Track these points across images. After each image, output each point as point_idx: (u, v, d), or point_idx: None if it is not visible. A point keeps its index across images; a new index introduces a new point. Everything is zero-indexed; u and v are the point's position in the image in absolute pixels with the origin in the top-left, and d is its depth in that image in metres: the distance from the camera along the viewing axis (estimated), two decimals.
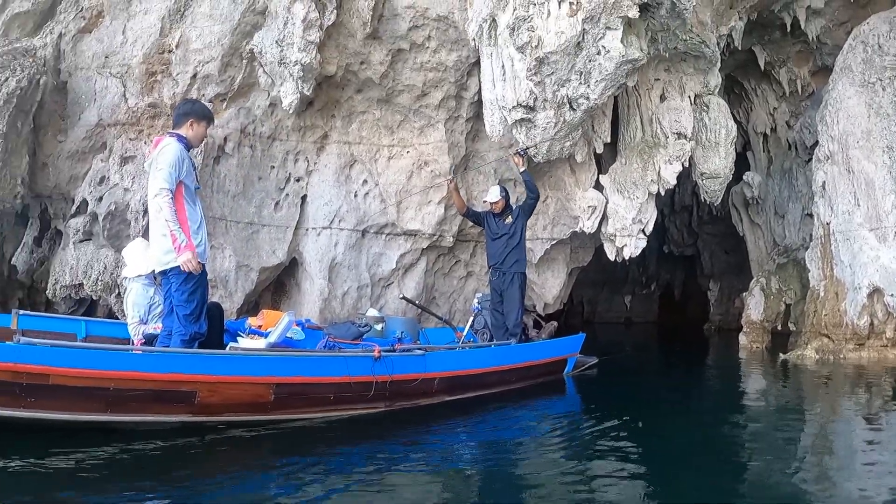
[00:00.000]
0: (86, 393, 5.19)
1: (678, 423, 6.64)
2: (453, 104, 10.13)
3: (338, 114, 10.27)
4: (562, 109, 8.71)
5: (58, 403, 5.14)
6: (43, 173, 10.17)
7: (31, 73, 9.73)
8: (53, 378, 5.07)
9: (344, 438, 5.73)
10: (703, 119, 11.11)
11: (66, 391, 5.13)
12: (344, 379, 6.20)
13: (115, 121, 9.89)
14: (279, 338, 6.61)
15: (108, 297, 9.79)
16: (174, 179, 5.84)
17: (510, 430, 6.36)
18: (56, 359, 5.10)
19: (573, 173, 10.55)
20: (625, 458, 5.11)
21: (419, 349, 7.32)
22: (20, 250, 10.83)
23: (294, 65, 8.96)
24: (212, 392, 5.58)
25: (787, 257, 14.54)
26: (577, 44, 8.35)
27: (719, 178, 11.20)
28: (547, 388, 8.60)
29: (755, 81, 14.62)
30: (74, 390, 5.15)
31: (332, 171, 10.32)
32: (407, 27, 9.54)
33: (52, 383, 5.07)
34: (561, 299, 11.61)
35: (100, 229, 9.77)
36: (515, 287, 9.13)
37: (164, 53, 9.86)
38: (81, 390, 5.17)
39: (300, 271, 10.55)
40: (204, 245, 6.14)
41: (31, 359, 5.04)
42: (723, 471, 4.73)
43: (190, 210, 6.01)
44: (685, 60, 10.67)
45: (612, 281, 21.35)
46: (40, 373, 5.04)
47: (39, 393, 5.07)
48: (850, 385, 8.82)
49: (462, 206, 9.66)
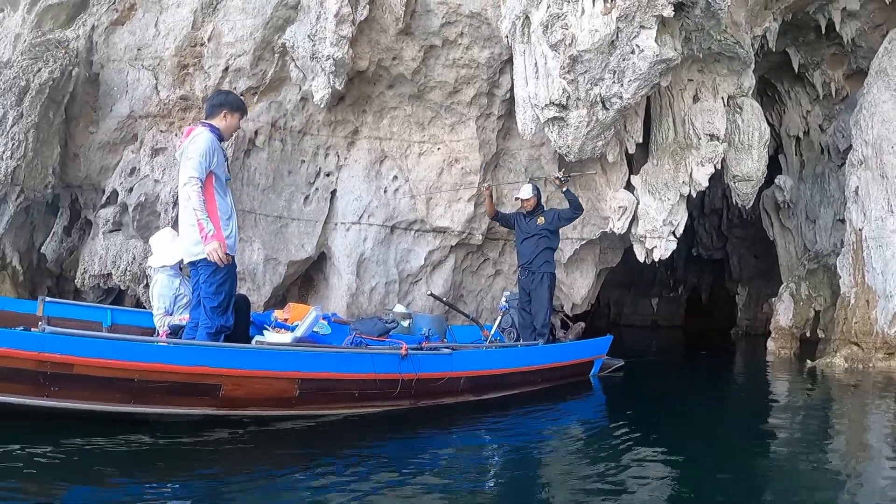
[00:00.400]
0: (110, 383, 5.19)
1: (703, 430, 6.57)
2: (485, 101, 10.08)
3: (369, 109, 10.25)
4: (594, 108, 8.63)
5: (81, 393, 5.14)
6: (74, 164, 10.23)
7: (63, 64, 9.79)
8: (77, 368, 5.06)
9: (368, 435, 5.69)
10: (736, 121, 10.99)
11: (90, 381, 5.13)
12: (370, 376, 6.16)
13: (147, 113, 9.94)
14: (305, 332, 6.61)
15: (137, 287, 9.84)
16: (204, 169, 5.79)
17: (535, 431, 6.34)
18: (80, 348, 5.10)
19: (604, 173, 10.47)
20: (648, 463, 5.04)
21: (446, 348, 7.26)
22: (50, 239, 10.91)
23: (326, 59, 8.95)
24: (236, 386, 5.57)
25: (818, 263, 14.36)
26: (611, 42, 8.27)
27: (751, 181, 11.07)
28: (573, 390, 8.53)
29: (788, 84, 14.46)
30: (98, 380, 5.15)
31: (363, 166, 10.31)
32: (439, 23, 9.50)
33: (76, 373, 5.07)
34: (589, 300, 11.54)
35: (129, 220, 9.83)
36: (545, 287, 9.08)
37: (196, 46, 9.90)
38: (105, 380, 5.17)
39: (328, 266, 10.55)
40: (234, 237, 6.10)
41: (56, 348, 5.03)
42: (747, 480, 4.64)
43: (220, 201, 5.98)
44: (719, 61, 10.56)
45: (640, 283, 21.20)
46: (64, 362, 5.03)
47: (63, 382, 5.07)
48: (878, 394, 8.68)
49: (492, 211, 9.64)
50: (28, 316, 7.60)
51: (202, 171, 5.77)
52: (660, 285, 22.19)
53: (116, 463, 4.46)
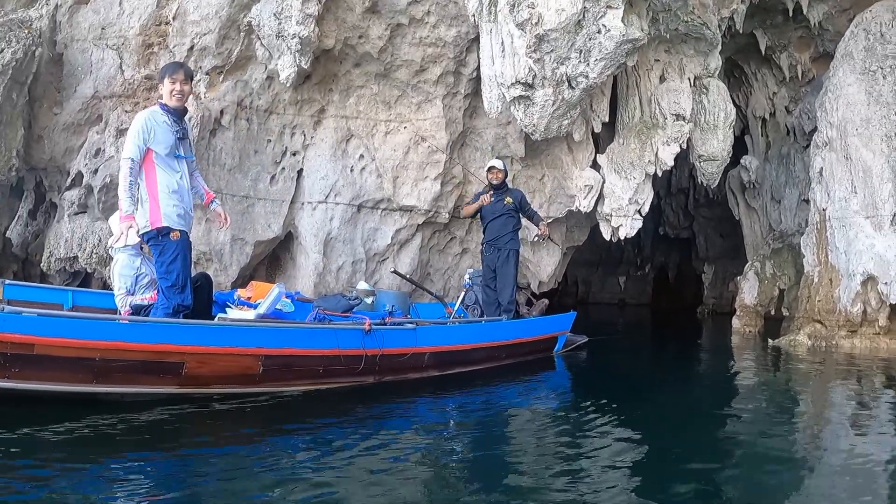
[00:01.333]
0: (71, 363, 5.09)
1: (665, 407, 6.61)
2: (451, 80, 10.07)
3: (335, 88, 10.21)
4: (560, 87, 8.68)
5: (43, 374, 5.04)
6: (38, 146, 10.13)
7: (26, 44, 9.67)
8: (38, 348, 4.96)
9: (332, 411, 5.65)
10: (703, 101, 11.09)
11: (52, 361, 5.03)
12: (334, 352, 6.15)
13: (111, 93, 9.84)
14: (268, 309, 6.54)
15: (103, 269, 9.76)
16: (136, 147, 5.79)
17: (499, 407, 6.33)
18: (41, 328, 4.99)
19: (570, 152, 10.53)
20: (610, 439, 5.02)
21: (410, 323, 7.27)
22: (15, 223, 10.80)
23: (292, 38, 8.90)
24: (200, 363, 5.51)
25: (783, 242, 14.56)
26: (578, 22, 8.32)
27: (717, 160, 11.19)
28: (537, 366, 8.57)
29: (755, 65, 14.59)
30: (60, 360, 5.05)
31: (329, 145, 10.27)
32: (406, 1, 9.47)
33: (36, 353, 4.96)
34: (556, 278, 11.61)
35: (95, 202, 9.75)
36: (510, 264, 9.10)
37: (160, 25, 9.81)
38: (67, 360, 5.07)
39: (295, 245, 10.53)
40: (184, 212, 6.04)
41: (16, 328, 4.91)
42: (708, 458, 4.68)
43: (162, 174, 5.94)
44: (686, 42, 10.64)
45: (607, 262, 21.39)
46: (25, 342, 4.92)
47: (24, 363, 4.96)
48: (841, 371, 8.84)
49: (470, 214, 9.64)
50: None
51: (133, 151, 5.78)
52: (627, 264, 22.40)
53: (81, 444, 4.38)
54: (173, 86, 6.07)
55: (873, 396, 7.17)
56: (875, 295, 10.68)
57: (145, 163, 5.88)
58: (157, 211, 5.87)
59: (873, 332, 10.85)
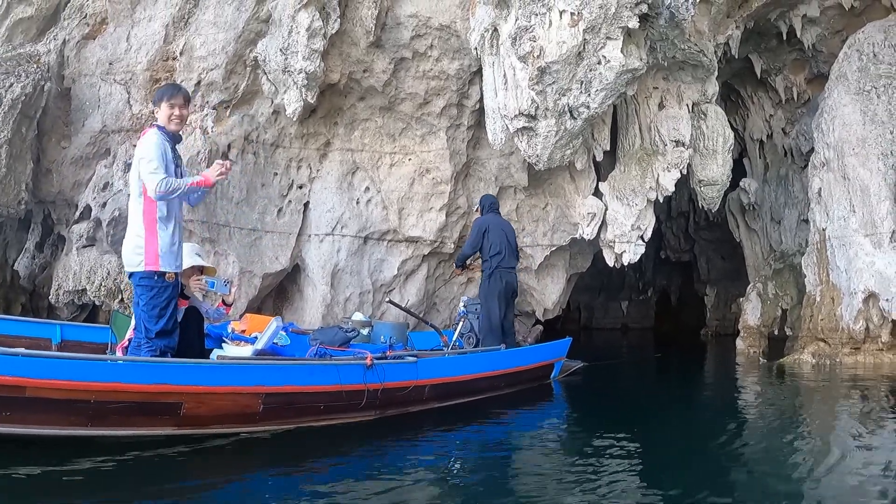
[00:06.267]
0: (65, 406, 4.85)
1: (670, 431, 6.63)
2: (455, 112, 10.21)
3: (340, 121, 10.35)
4: (563, 118, 8.80)
5: (35, 417, 4.81)
6: (46, 179, 10.23)
7: (35, 79, 9.79)
8: (30, 390, 4.71)
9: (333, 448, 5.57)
10: (701, 127, 11.20)
11: (44, 404, 4.79)
12: (335, 387, 6.01)
13: (119, 127, 9.96)
14: (266, 344, 6.46)
15: (112, 301, 9.82)
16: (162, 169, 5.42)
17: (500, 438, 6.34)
18: (32, 369, 4.74)
19: (573, 180, 10.64)
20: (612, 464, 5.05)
21: (411, 356, 7.17)
22: (22, 256, 10.86)
23: (298, 73, 9.04)
24: (198, 403, 5.31)
25: (784, 263, 14.64)
26: (578, 53, 8.44)
27: (717, 185, 11.29)
28: (534, 394, 8.58)
29: (751, 89, 14.72)
30: (52, 403, 4.81)
31: (335, 178, 10.40)
32: (409, 36, 9.63)
33: (28, 396, 4.71)
34: (560, 305, 11.70)
35: (103, 235, 9.81)
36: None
37: (168, 60, 9.94)
38: (60, 403, 4.83)
39: (302, 277, 10.62)
40: (178, 248, 5.72)
41: (5, 370, 4.66)
42: (713, 478, 4.73)
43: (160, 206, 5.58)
44: (683, 69, 10.76)
45: (609, 287, 21.40)
46: (15, 385, 4.66)
47: (14, 406, 4.71)
48: (845, 389, 8.90)
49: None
50: None
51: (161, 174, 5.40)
52: (629, 289, 22.40)
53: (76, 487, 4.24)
54: (172, 110, 5.72)
55: (879, 412, 7.22)
56: (877, 312, 10.78)
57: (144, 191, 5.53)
58: (155, 251, 5.51)
59: (876, 348, 10.95)
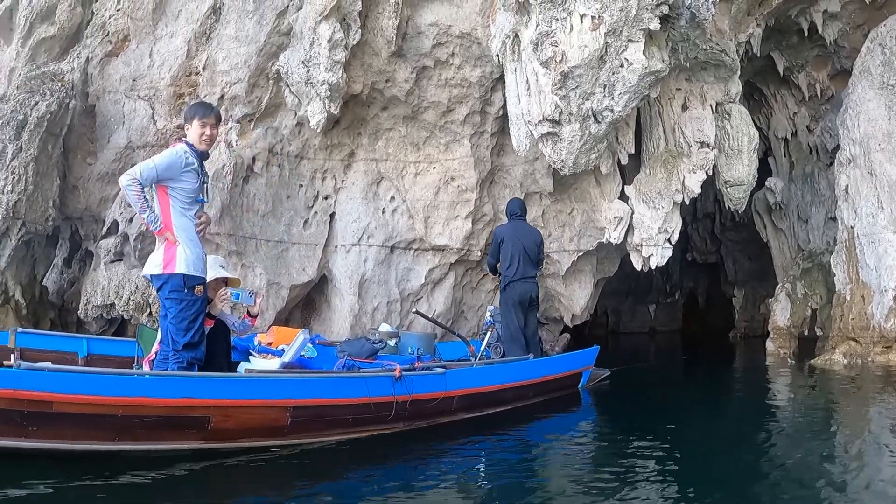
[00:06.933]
0: (92, 421, 4.89)
1: (699, 433, 6.60)
2: (478, 119, 10.18)
3: (364, 131, 10.36)
4: (587, 122, 8.75)
5: (62, 432, 4.85)
6: (73, 195, 10.34)
7: (59, 97, 9.90)
8: (57, 405, 4.75)
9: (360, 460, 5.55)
10: (725, 127, 11.11)
11: (72, 419, 4.83)
12: (363, 400, 5.99)
13: (145, 142, 10.04)
14: (293, 357, 6.45)
15: (140, 315, 9.88)
16: (150, 175, 5.52)
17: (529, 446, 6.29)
18: (59, 384, 4.79)
19: (598, 185, 10.58)
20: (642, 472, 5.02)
21: (439, 367, 7.15)
22: (50, 271, 10.97)
23: (321, 84, 9.05)
24: (226, 417, 5.32)
25: (812, 262, 14.51)
26: (601, 57, 8.40)
27: (743, 185, 11.19)
28: (563, 403, 8.50)
29: (774, 87, 14.61)
30: (80, 418, 4.84)
31: (360, 188, 10.41)
32: (431, 44, 9.62)
33: (55, 411, 4.76)
34: (588, 310, 11.63)
35: (131, 250, 9.88)
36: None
37: (191, 75, 10.01)
38: (88, 418, 4.87)
39: (330, 288, 10.62)
40: (201, 260, 5.80)
41: (33, 385, 4.72)
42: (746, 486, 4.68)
43: (178, 218, 5.68)
44: (705, 69, 10.69)
45: (636, 290, 21.22)
46: (43, 400, 4.72)
47: (42, 421, 4.77)
48: (879, 389, 8.81)
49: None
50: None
51: (144, 176, 5.50)
52: (657, 292, 22.19)
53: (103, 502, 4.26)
54: (203, 129, 5.85)
55: None
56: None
57: (161, 202, 5.68)
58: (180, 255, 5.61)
59: None
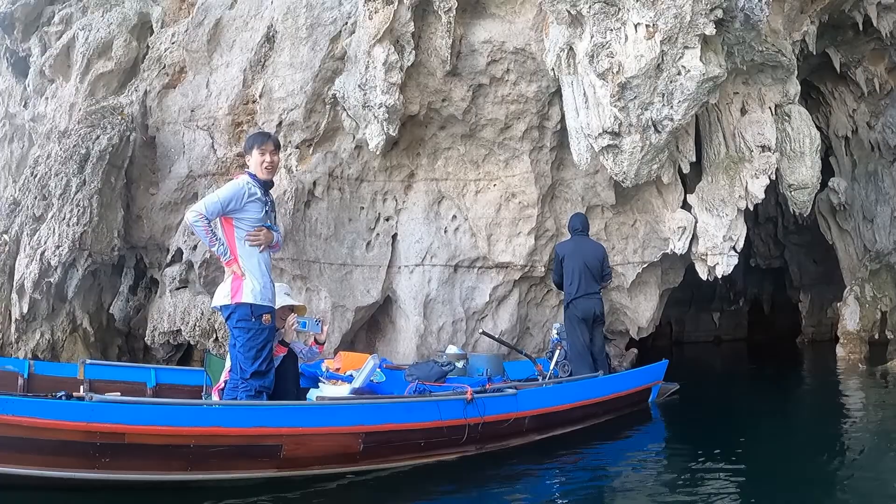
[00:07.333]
0: (165, 451, 4.98)
1: (772, 445, 6.49)
2: (536, 135, 10.10)
3: (423, 152, 10.35)
4: (647, 133, 8.65)
5: (135, 463, 4.95)
6: (137, 225, 10.55)
7: (120, 129, 10.13)
8: (129, 436, 4.85)
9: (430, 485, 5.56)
10: (786, 129, 10.90)
11: (144, 450, 4.93)
12: (435, 424, 6.00)
13: (205, 171, 10.20)
14: (364, 382, 6.46)
15: (206, 341, 10.02)
16: (215, 209, 5.72)
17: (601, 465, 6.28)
18: (132, 416, 4.89)
19: (660, 195, 10.43)
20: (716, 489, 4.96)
21: (510, 388, 7.09)
22: (116, 299, 11.18)
23: (379, 107, 9.08)
24: (298, 445, 5.38)
25: (880, 263, 14.16)
26: (657, 66, 8.31)
27: (808, 188, 10.94)
28: (633, 420, 8.43)
29: (832, 84, 14.33)
30: (153, 448, 4.94)
31: (421, 208, 10.40)
32: (485, 62, 9.59)
33: (128, 442, 4.86)
34: (654, 322, 11.47)
35: (195, 277, 10.06)
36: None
37: (248, 104, 10.14)
38: (160, 448, 4.96)
39: (394, 309, 10.62)
40: (269, 289, 5.92)
41: (106, 417, 4.82)
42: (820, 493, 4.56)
43: (244, 248, 5.86)
44: (762, 71, 10.51)
45: (699, 299, 20.80)
46: (115, 431, 4.82)
47: (115, 452, 4.86)
48: None
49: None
50: (68, 380, 7.52)
51: (209, 210, 5.71)
52: (720, 299, 21.70)
53: None
54: (263, 157, 5.99)
55: None
56: None
57: (227, 234, 5.83)
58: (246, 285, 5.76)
59: None
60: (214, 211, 5.74)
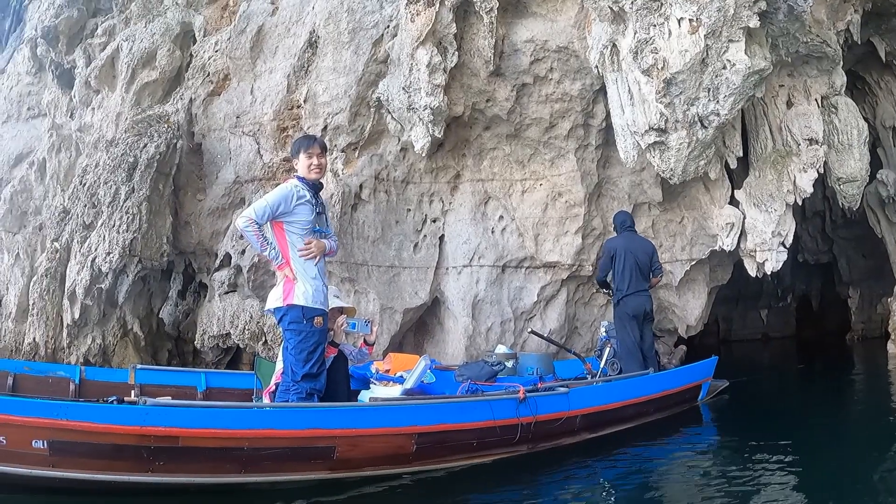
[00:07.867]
0: (218, 454, 5.03)
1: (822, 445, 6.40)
2: (581, 133, 10.07)
3: (468, 152, 10.36)
4: (693, 129, 8.58)
5: (189, 466, 4.99)
6: (185, 231, 10.69)
7: (167, 137, 10.28)
8: (183, 440, 4.90)
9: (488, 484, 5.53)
10: (833, 121, 10.74)
11: (198, 453, 4.97)
12: (488, 423, 6.00)
13: (252, 177, 10.30)
14: (415, 383, 6.49)
15: (255, 344, 10.11)
16: (264, 214, 5.79)
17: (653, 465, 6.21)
18: (186, 419, 4.95)
19: (707, 191, 10.34)
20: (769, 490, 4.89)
21: (562, 386, 7.09)
22: (166, 304, 11.34)
23: (423, 109, 9.10)
24: (351, 446, 5.41)
25: None
26: (702, 60, 8.23)
27: (857, 181, 10.79)
28: (683, 418, 8.35)
29: (877, 74, 14.06)
30: (206, 451, 4.98)
31: (468, 209, 10.40)
32: (528, 61, 9.57)
33: (181, 445, 4.91)
34: (703, 320, 11.36)
35: (244, 281, 10.15)
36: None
37: (293, 109, 10.23)
38: (214, 451, 5.00)
39: (442, 310, 10.63)
40: (321, 293, 5.95)
41: (160, 420, 4.87)
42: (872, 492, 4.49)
43: (295, 252, 5.91)
44: (807, 62, 10.38)
45: (747, 296, 20.52)
46: (169, 435, 4.87)
47: (168, 456, 4.91)
48: None
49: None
50: (119, 385, 7.62)
51: (259, 215, 5.78)
52: (767, 296, 21.37)
53: None
54: (310, 160, 6.08)
55: None
56: None
57: (279, 238, 5.89)
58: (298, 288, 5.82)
59: None
60: (264, 215, 5.83)
